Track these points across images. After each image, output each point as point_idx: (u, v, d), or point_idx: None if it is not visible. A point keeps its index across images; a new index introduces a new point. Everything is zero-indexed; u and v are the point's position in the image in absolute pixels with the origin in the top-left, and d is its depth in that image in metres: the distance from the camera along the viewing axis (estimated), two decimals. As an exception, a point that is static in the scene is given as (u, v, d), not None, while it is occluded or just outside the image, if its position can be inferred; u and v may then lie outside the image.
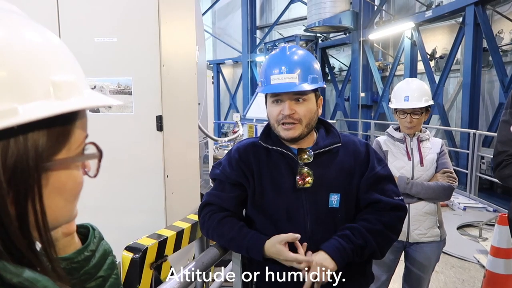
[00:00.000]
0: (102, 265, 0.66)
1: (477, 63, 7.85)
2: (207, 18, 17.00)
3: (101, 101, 0.54)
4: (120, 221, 2.27)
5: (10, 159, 0.44)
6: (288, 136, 1.39)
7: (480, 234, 4.60)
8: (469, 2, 7.76)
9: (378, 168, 1.47)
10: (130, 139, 2.28)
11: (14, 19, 0.48)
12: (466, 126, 7.82)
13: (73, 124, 0.51)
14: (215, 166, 1.57)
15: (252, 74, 15.72)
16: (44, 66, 0.47)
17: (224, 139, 6.67)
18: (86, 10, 2.22)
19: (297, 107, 1.37)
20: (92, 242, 0.66)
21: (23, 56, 0.45)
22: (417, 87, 2.38)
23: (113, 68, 2.22)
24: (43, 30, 0.51)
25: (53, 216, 0.51)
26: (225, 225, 1.42)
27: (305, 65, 1.38)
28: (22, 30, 0.47)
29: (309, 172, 1.40)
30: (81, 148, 0.54)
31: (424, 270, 2.36)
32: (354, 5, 11.64)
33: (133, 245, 1.52)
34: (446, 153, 2.38)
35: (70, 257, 0.62)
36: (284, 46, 1.47)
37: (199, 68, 3.30)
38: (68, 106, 0.47)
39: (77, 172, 0.54)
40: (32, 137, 0.45)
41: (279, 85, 1.36)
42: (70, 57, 0.53)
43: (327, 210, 1.41)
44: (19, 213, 0.46)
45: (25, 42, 0.46)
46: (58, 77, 0.47)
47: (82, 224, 0.70)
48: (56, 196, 0.51)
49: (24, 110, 0.43)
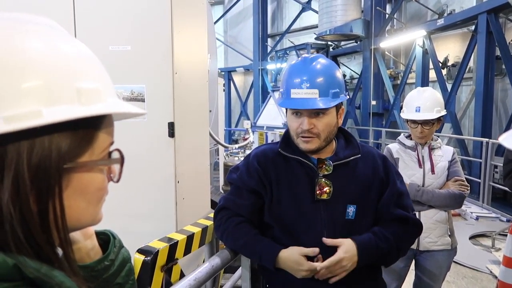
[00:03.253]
0: (120, 273, 0.67)
1: (490, 71, 7.77)
2: (219, 26, 17.17)
3: (123, 108, 0.56)
4: (131, 226, 2.30)
5: (34, 158, 0.47)
6: (306, 148, 1.40)
7: (493, 244, 4.52)
8: (481, 10, 7.70)
9: (398, 183, 1.51)
10: (142, 145, 2.31)
11: (50, 32, 0.52)
12: (479, 134, 7.72)
13: (97, 129, 0.54)
14: (233, 170, 1.57)
15: (263, 81, 15.78)
16: (71, 75, 0.50)
17: (235, 146, 6.70)
18: (101, 20, 2.28)
19: (317, 121, 1.37)
20: (112, 252, 0.67)
21: (55, 67, 0.49)
22: (429, 97, 2.36)
23: (127, 76, 2.27)
24: (74, 42, 0.55)
25: (75, 216, 0.54)
26: (241, 230, 1.43)
27: (327, 80, 1.36)
28: (57, 43, 0.51)
29: (327, 183, 1.39)
30: (105, 153, 0.56)
31: (435, 278, 2.34)
32: (366, 13, 11.64)
33: (144, 248, 1.54)
34: (457, 161, 2.37)
35: (90, 265, 0.63)
36: (306, 56, 1.44)
37: (211, 76, 3.34)
38: (90, 111, 0.50)
39: (100, 175, 0.56)
40: (56, 138, 0.48)
41: (298, 101, 1.35)
42: (98, 67, 0.57)
43: (344, 221, 1.41)
44: (40, 210, 0.48)
45: (58, 53, 0.50)
46: (83, 85, 0.51)
47: (103, 231, 0.71)
48: (78, 197, 0.53)
49: (48, 113, 0.46)
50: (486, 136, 7.35)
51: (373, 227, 1.46)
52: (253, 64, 16.04)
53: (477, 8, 7.96)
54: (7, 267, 0.45)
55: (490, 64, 7.76)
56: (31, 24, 0.51)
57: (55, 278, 0.47)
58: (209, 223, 1.86)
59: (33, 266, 0.46)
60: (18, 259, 0.45)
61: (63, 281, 0.48)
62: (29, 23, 0.51)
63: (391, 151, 2.43)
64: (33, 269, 0.46)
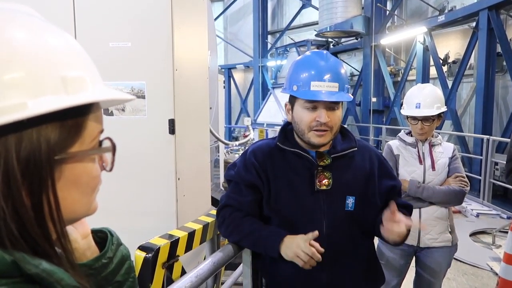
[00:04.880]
0: (119, 271, 0.66)
1: (490, 68, 7.76)
2: (218, 23, 17.13)
3: (110, 94, 0.55)
4: (132, 223, 2.30)
5: (23, 152, 0.46)
6: (320, 142, 1.40)
7: (494, 241, 4.53)
8: (482, 7, 7.68)
9: (396, 177, 1.61)
10: (143, 142, 2.31)
11: (33, 21, 0.51)
12: (480, 131, 7.71)
13: (86, 117, 0.53)
14: (230, 167, 1.58)
15: (263, 78, 15.76)
16: (55, 64, 0.49)
17: (235, 143, 6.70)
18: (102, 16, 2.27)
19: (331, 115, 1.38)
20: (110, 249, 0.65)
21: (37, 56, 0.47)
22: (430, 93, 2.35)
23: (127, 73, 2.27)
24: (57, 31, 0.53)
25: (70, 208, 0.53)
26: (246, 222, 1.45)
27: (344, 75, 1.41)
28: (38, 32, 0.50)
29: (326, 174, 1.41)
30: (95, 141, 0.55)
31: (435, 275, 2.34)
32: (366, 10, 11.62)
33: (145, 245, 1.54)
34: (458, 158, 2.36)
35: (87, 263, 0.62)
36: (320, 51, 1.48)
37: (211, 73, 3.33)
38: (76, 100, 0.49)
39: (92, 165, 0.55)
40: (44, 130, 0.47)
41: (321, 93, 1.35)
42: (83, 55, 0.55)
43: (344, 213, 1.43)
44: (34, 204, 0.48)
45: (40, 43, 0.49)
46: (68, 73, 0.49)
47: (101, 228, 0.70)
48: (72, 189, 0.52)
49: (33, 104, 0.45)
50: (487, 133, 7.34)
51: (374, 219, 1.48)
52: (253, 61, 16.02)
53: (478, 5, 7.93)
54: (5, 263, 0.44)
55: (491, 61, 7.75)
56: (10, 13, 0.49)
57: (54, 274, 0.47)
58: (210, 220, 1.87)
59: (31, 262, 0.45)
60: (16, 256, 0.45)
61: (62, 278, 0.48)
62: (8, 11, 0.49)
63: (391, 147, 2.43)
64: (32, 266, 0.45)
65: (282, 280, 1.48)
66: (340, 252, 1.43)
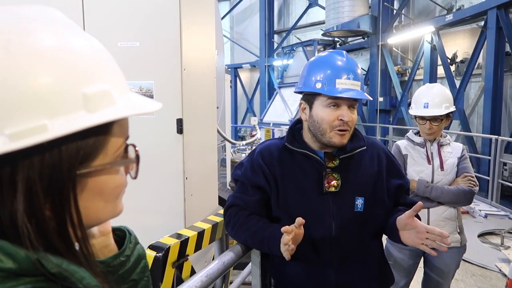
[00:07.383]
0: (135, 269, 0.67)
1: (499, 68, 7.69)
2: (225, 22, 17.14)
3: (135, 109, 0.53)
4: (140, 222, 2.31)
5: (45, 171, 0.46)
6: (341, 142, 1.39)
7: (502, 242, 4.49)
8: (491, 6, 7.61)
9: (405, 176, 1.60)
10: (151, 141, 2.32)
11: (53, 29, 0.48)
12: (488, 131, 7.65)
13: (108, 132, 0.51)
14: (237, 166, 1.58)
15: (270, 78, 15.75)
16: (76, 79, 0.47)
17: (242, 143, 6.71)
18: (110, 16, 2.28)
19: (352, 114, 1.38)
20: (128, 248, 0.67)
21: (60, 74, 0.46)
22: (438, 93, 2.34)
23: (135, 72, 2.27)
24: (81, 37, 0.51)
25: (94, 215, 0.53)
26: (251, 220, 1.44)
27: (361, 74, 1.41)
28: (64, 43, 0.48)
29: (335, 176, 1.40)
30: (119, 151, 0.54)
31: (444, 276, 2.33)
32: (373, 9, 11.56)
33: (156, 244, 1.55)
34: (467, 158, 2.35)
35: (105, 261, 0.63)
36: (340, 50, 1.53)
37: (218, 72, 3.34)
38: (98, 119, 0.47)
39: (116, 175, 0.55)
40: (65, 149, 0.47)
41: (349, 91, 1.35)
42: (109, 63, 0.53)
43: (353, 214, 1.41)
44: (57, 219, 0.48)
45: (65, 53, 0.47)
46: (90, 89, 0.48)
47: (119, 227, 0.70)
48: (96, 198, 0.52)
49: (53, 126, 0.44)
50: (495, 133, 7.27)
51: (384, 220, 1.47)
52: (260, 60, 16.01)
53: (486, 4, 7.86)
54: (29, 262, 0.45)
55: (500, 60, 7.68)
56: (34, 23, 0.47)
57: (75, 273, 0.48)
58: (219, 219, 1.87)
59: (54, 262, 0.46)
60: (40, 255, 0.46)
61: (83, 277, 0.49)
62: (32, 22, 0.47)
63: (399, 147, 2.41)
64: (54, 264, 0.46)
65: (290, 280, 1.48)
66: (349, 252, 1.43)
